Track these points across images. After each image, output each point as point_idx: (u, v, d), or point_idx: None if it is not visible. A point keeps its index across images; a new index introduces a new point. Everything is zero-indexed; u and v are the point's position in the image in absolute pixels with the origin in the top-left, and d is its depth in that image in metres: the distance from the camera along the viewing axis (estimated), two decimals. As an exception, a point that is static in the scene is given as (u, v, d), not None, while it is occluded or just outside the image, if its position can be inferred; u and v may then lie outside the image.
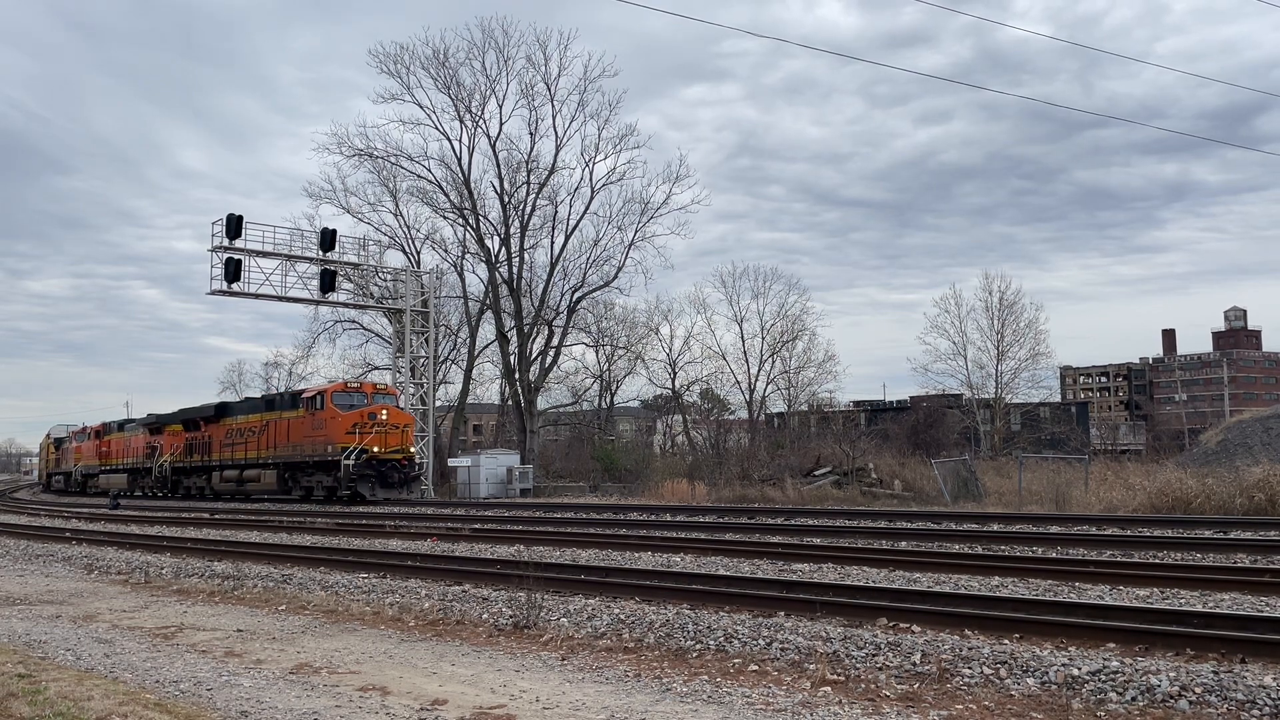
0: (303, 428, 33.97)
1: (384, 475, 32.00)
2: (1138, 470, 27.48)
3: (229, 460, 38.58)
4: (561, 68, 46.32)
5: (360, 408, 32.90)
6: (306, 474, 33.99)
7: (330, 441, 32.26)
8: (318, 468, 33.19)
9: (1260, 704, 5.80)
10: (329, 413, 32.84)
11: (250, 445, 37.16)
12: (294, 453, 34.46)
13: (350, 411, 32.64)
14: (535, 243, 48.52)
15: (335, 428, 32.34)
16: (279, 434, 35.36)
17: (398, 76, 45.59)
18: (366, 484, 31.50)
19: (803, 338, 57.09)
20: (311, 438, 33.37)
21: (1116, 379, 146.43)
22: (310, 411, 33.70)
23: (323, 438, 32.75)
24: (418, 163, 47.42)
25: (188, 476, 42.61)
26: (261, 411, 37.55)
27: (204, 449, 41.00)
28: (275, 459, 35.40)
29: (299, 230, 40.95)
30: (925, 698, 6.43)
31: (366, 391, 34.49)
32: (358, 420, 32.20)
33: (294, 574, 13.39)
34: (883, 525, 18.17)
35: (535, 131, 46.72)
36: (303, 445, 33.92)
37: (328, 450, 32.46)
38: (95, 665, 7.94)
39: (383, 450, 32.17)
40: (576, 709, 6.27)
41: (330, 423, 32.59)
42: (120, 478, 49.01)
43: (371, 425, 32.26)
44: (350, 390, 34.55)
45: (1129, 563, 11.77)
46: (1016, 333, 56.61)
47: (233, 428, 39.08)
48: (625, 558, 14.12)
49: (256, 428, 37.03)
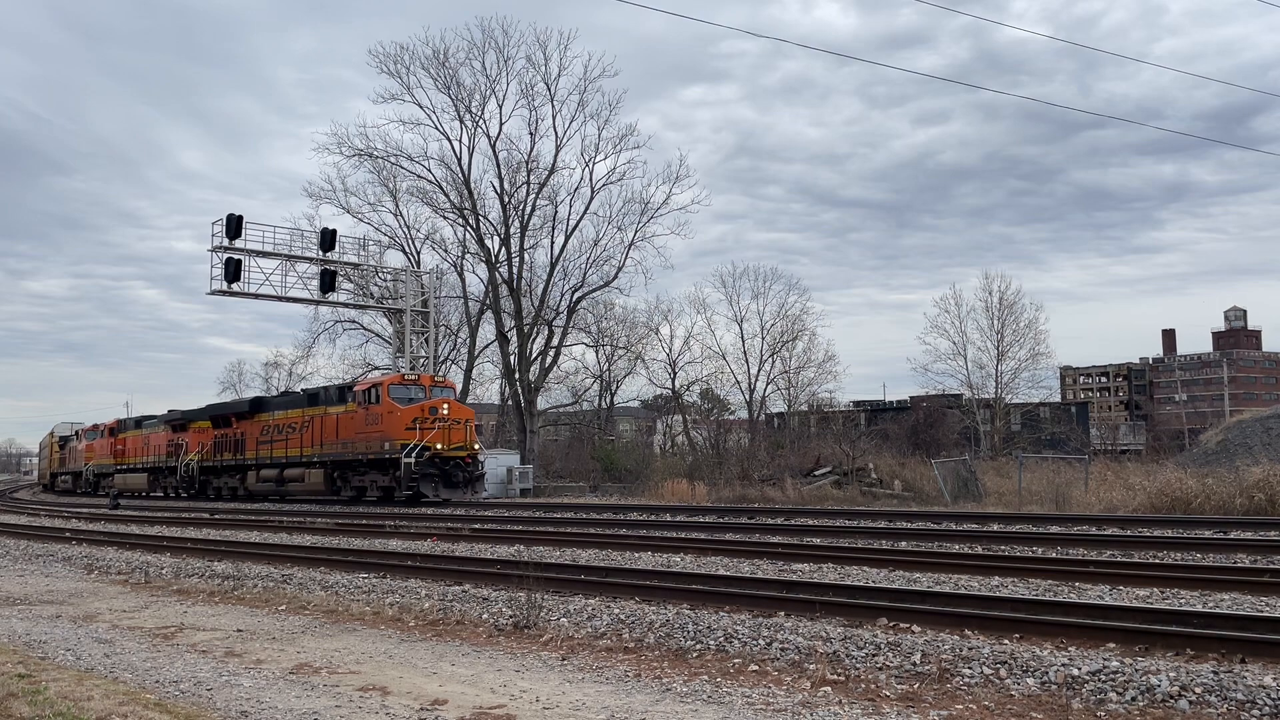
0: (354, 423, 31.41)
1: (448, 474, 29.54)
2: (1138, 470, 27.47)
3: (266, 459, 36.12)
4: (561, 68, 46.32)
5: (419, 401, 30.30)
6: (358, 473, 31.57)
7: (387, 438, 29.76)
8: (372, 466, 30.76)
9: (1260, 704, 5.80)
10: (385, 407, 30.23)
11: (291, 442, 34.73)
12: (344, 450, 31.88)
13: (409, 405, 29.96)
14: (535, 243, 48.56)
15: (393, 423, 29.75)
16: (326, 430, 32.81)
17: (397, 76, 45.61)
18: (429, 484, 29.12)
19: (803, 338, 57.11)
20: (365, 434, 30.79)
21: (1116, 379, 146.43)
22: (364, 406, 31.11)
23: (378, 434, 30.21)
24: (418, 163, 47.46)
25: (218, 476, 40.04)
26: (303, 406, 34.91)
27: (236, 447, 38.47)
28: (322, 457, 32.87)
29: (299, 230, 40.92)
30: (925, 698, 6.43)
31: (424, 384, 31.87)
32: (418, 415, 29.50)
33: (294, 574, 13.38)
34: (883, 525, 18.17)
35: (535, 131, 46.75)
36: (354, 442, 31.29)
37: (384, 447, 29.88)
38: (95, 665, 7.94)
39: (446, 447, 29.56)
40: (576, 709, 6.27)
41: (387, 417, 30.02)
42: (139, 477, 47.03)
43: (433, 420, 29.58)
44: (407, 382, 31.79)
45: (1129, 563, 11.77)
46: (1016, 333, 56.62)
47: (270, 424, 36.58)
48: (625, 558, 14.12)
49: (298, 424, 34.55)
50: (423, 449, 28.88)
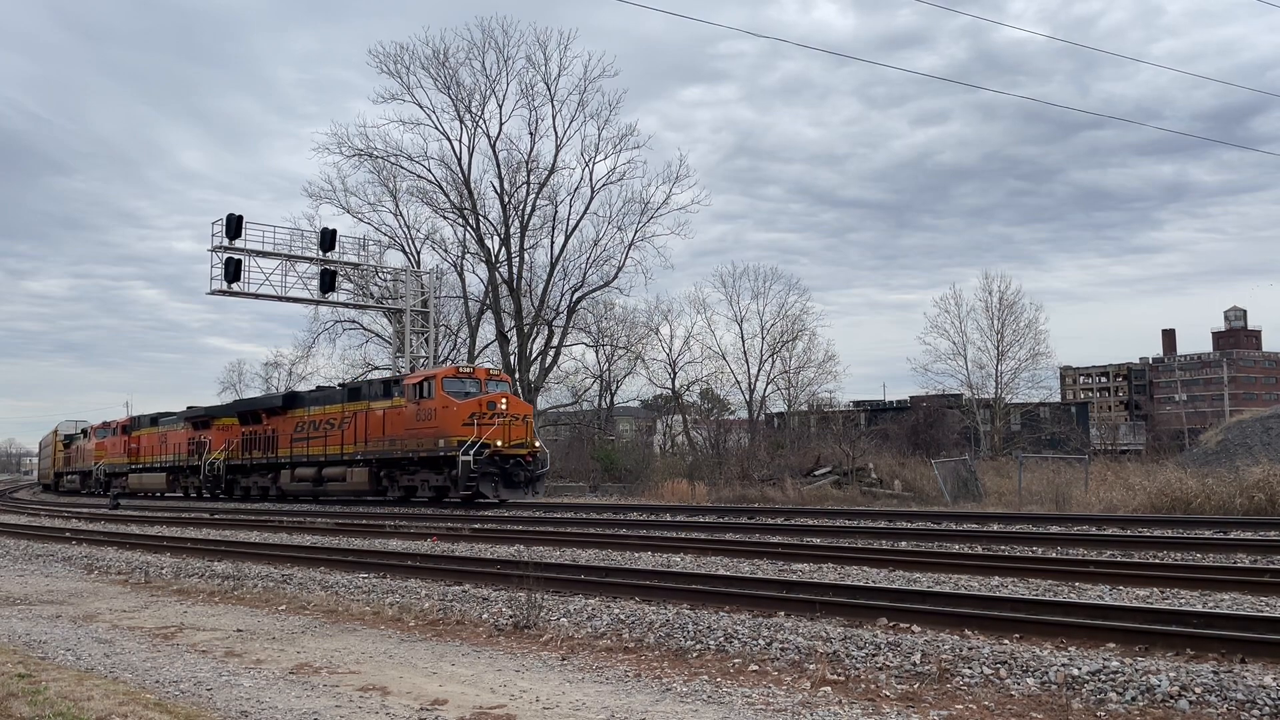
0: (403, 419, 29.45)
1: (508, 474, 27.63)
2: (1138, 470, 27.47)
3: (302, 457, 34.18)
4: (561, 68, 46.45)
5: (475, 396, 28.40)
6: (407, 472, 29.65)
7: (442, 434, 27.71)
8: (424, 465, 28.84)
9: (1260, 704, 5.80)
10: (440, 401, 28.19)
11: (331, 439, 32.71)
12: (391, 447, 29.90)
13: (466, 400, 28.02)
14: (535, 243, 48.64)
15: (448, 419, 27.72)
16: (371, 426, 30.89)
17: (398, 76, 45.71)
18: (489, 483, 27.17)
19: (803, 338, 57.18)
20: (416, 430, 28.88)
21: (1116, 379, 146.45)
22: (414, 400, 29.09)
23: (431, 430, 28.20)
24: (418, 163, 47.55)
25: (246, 475, 38.01)
26: (343, 401, 32.95)
27: (267, 444, 36.43)
28: (366, 455, 30.90)
29: (299, 230, 40.98)
30: (925, 698, 6.43)
31: (479, 377, 29.88)
32: (475, 410, 27.57)
33: (294, 574, 13.38)
34: (883, 525, 18.16)
35: (535, 131, 46.83)
36: (403, 439, 29.34)
37: (438, 444, 27.83)
38: (95, 665, 7.94)
39: (506, 444, 27.57)
40: (576, 709, 6.27)
41: (442, 413, 27.99)
42: (156, 477, 45.13)
43: (491, 415, 27.64)
44: (462, 375, 29.84)
45: (1129, 563, 11.76)
46: (1016, 333, 56.66)
47: (305, 420, 34.52)
48: (625, 558, 14.11)
49: (337, 419, 32.61)
50: (482, 446, 26.93)
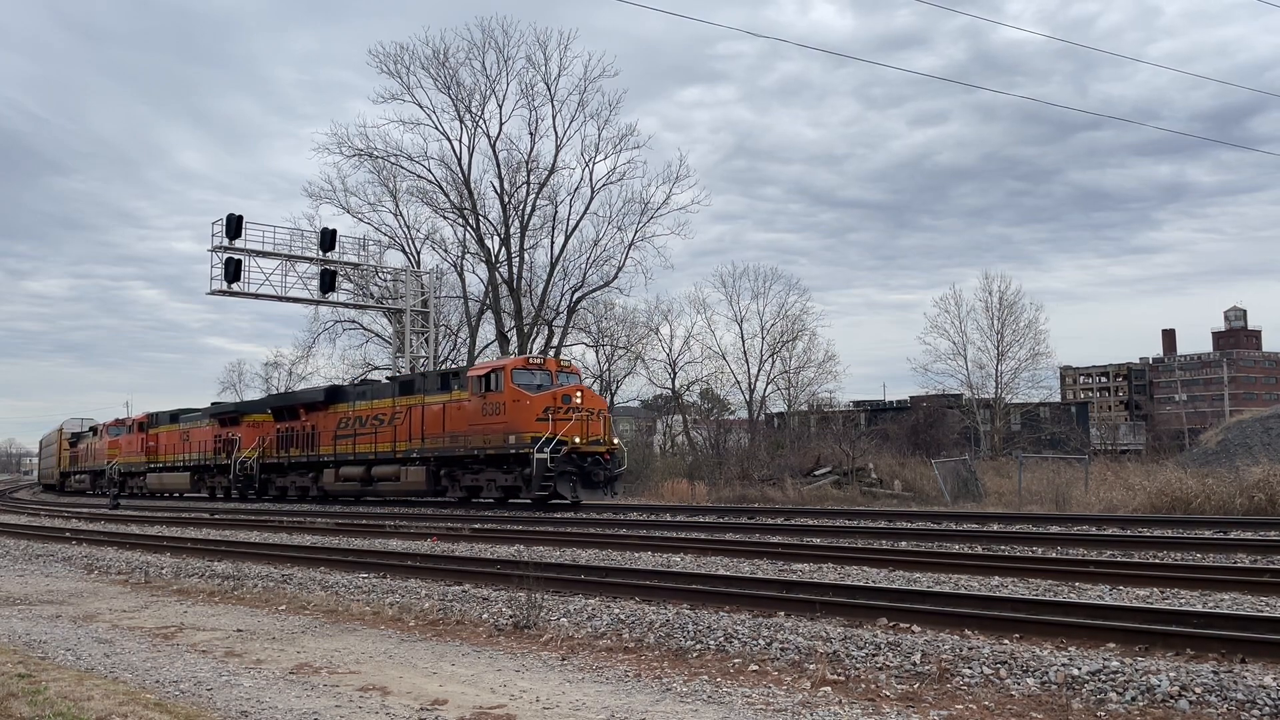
0: (466, 414, 27.46)
1: (587, 473, 25.63)
2: (1138, 470, 27.47)
3: (348, 454, 32.33)
4: (561, 68, 46.32)
5: (548, 388, 26.41)
6: (470, 470, 27.75)
7: (513, 430, 25.81)
8: (490, 463, 26.93)
9: (1260, 704, 5.80)
10: (509, 394, 26.24)
11: (382, 436, 30.84)
12: (452, 444, 27.90)
13: (539, 393, 26.03)
14: (535, 243, 48.56)
15: (520, 413, 25.79)
16: (428, 421, 28.97)
17: (397, 76, 45.62)
18: (566, 483, 25.18)
19: (803, 338, 57.19)
20: (482, 426, 26.91)
21: (1116, 379, 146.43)
22: (480, 393, 27.10)
23: (500, 426, 26.26)
24: (418, 163, 47.46)
25: (283, 474, 36.13)
26: (393, 395, 31.08)
27: (307, 441, 34.52)
28: (422, 452, 29.03)
29: (299, 230, 40.97)
30: (925, 698, 6.43)
31: (550, 368, 27.76)
32: (550, 403, 25.57)
33: (294, 574, 13.38)
34: (883, 525, 18.15)
35: (535, 131, 46.75)
36: (467, 435, 27.38)
37: (508, 441, 25.90)
38: (95, 665, 7.94)
39: (584, 441, 25.56)
40: (576, 709, 6.27)
41: (512, 407, 26.06)
42: (178, 477, 43.39)
43: (567, 409, 25.64)
44: (532, 367, 27.67)
45: (1129, 563, 11.76)
46: (1016, 333, 56.73)
47: (349, 416, 32.67)
48: (625, 558, 14.10)
49: (387, 415, 30.85)
50: (558, 442, 24.89)
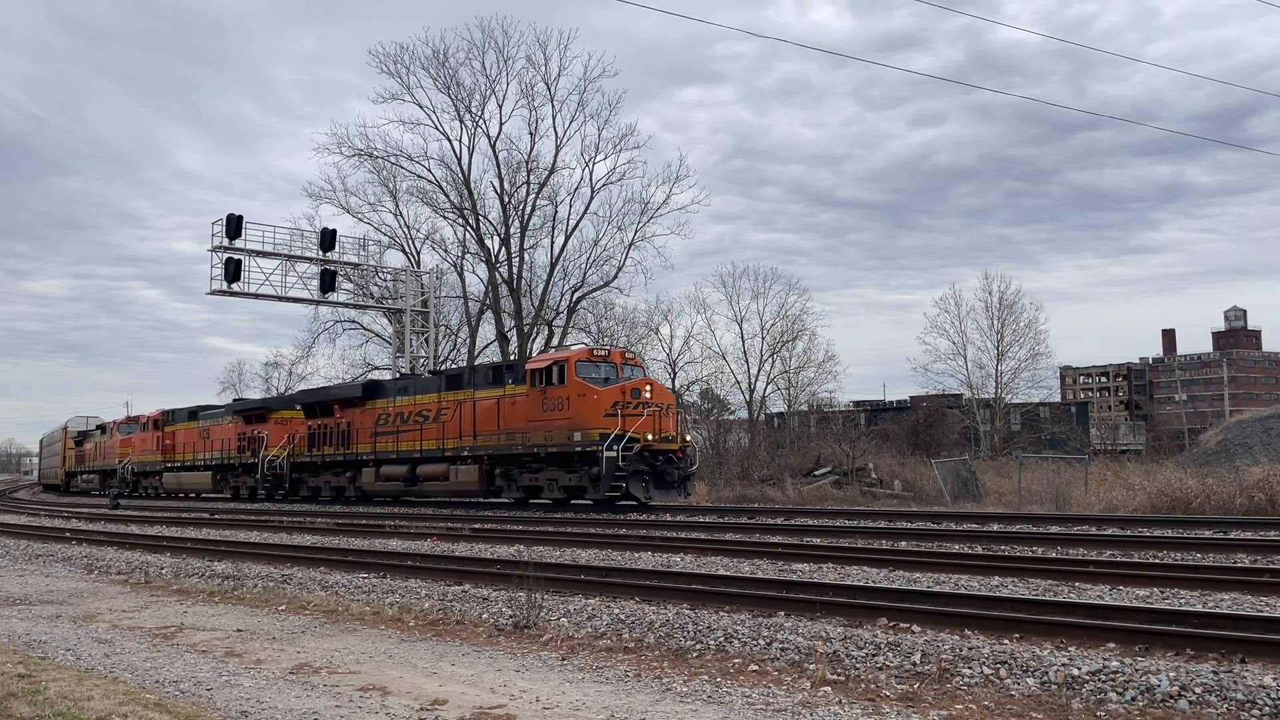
0: (524, 409, 25.94)
1: (660, 472, 24.12)
2: (1138, 470, 27.48)
3: (389, 452, 30.82)
4: (561, 68, 46.31)
5: (615, 381, 24.90)
6: (529, 469, 26.19)
7: (578, 426, 24.27)
8: (553, 461, 25.36)
9: (1260, 704, 5.80)
10: (574, 388, 24.68)
11: (428, 433, 29.31)
12: (509, 442, 26.29)
13: (607, 387, 24.50)
14: (535, 243, 48.55)
15: (586, 408, 24.27)
16: (481, 418, 27.38)
17: (397, 76, 45.61)
18: (639, 483, 23.67)
19: (803, 338, 57.22)
20: (542, 422, 25.35)
21: (1116, 379, 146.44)
22: (540, 387, 25.49)
23: (564, 422, 24.68)
24: (418, 163, 47.46)
25: (315, 474, 34.60)
26: (439, 390, 29.49)
27: (341, 439, 33.04)
28: (474, 450, 27.38)
29: (299, 230, 41.03)
30: (925, 698, 6.43)
31: (615, 360, 26.02)
32: (619, 398, 24.02)
33: (294, 574, 13.38)
34: (883, 525, 18.15)
35: (535, 131, 46.74)
36: (525, 432, 25.81)
37: (572, 438, 24.32)
38: (95, 665, 7.94)
39: (657, 438, 24.09)
40: (576, 709, 6.27)
41: (577, 401, 24.54)
42: (198, 476, 41.68)
43: (636, 404, 24.09)
44: (596, 358, 25.92)
45: (1129, 563, 11.75)
46: (1016, 333, 56.77)
47: (389, 412, 31.29)
48: (625, 558, 14.11)
49: (432, 410, 29.33)
50: (629, 440, 23.39)
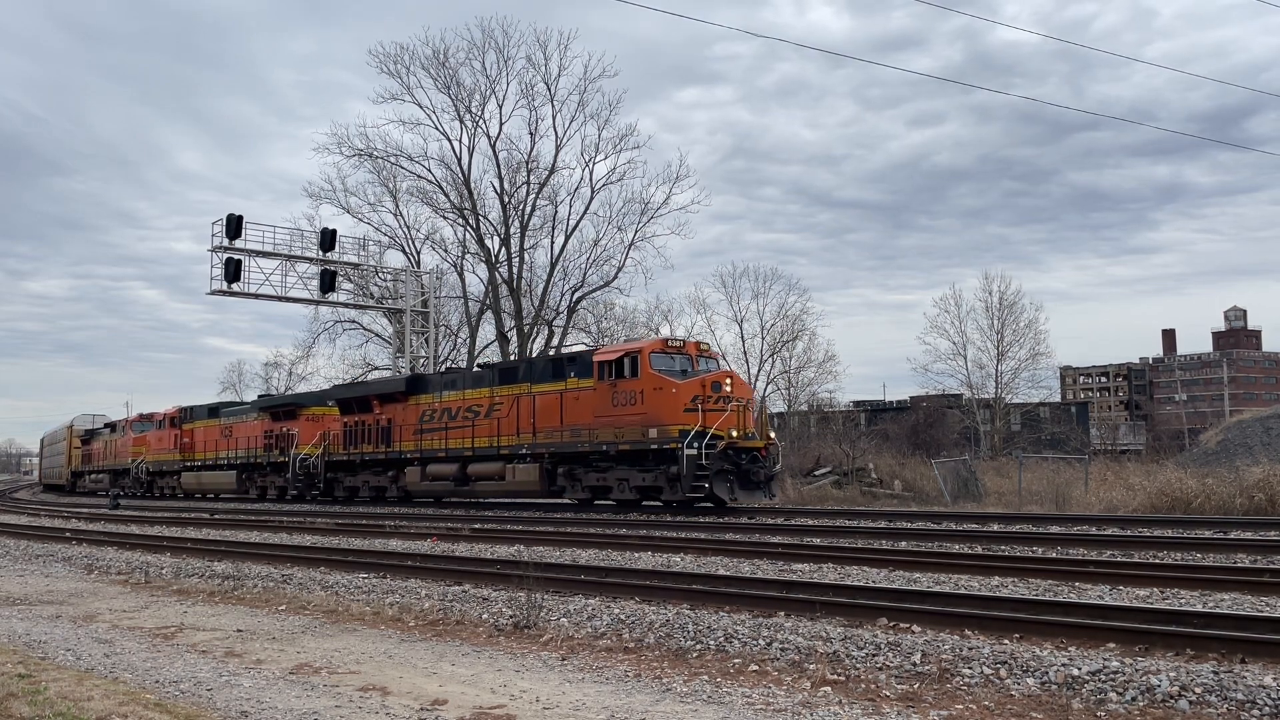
0: (590, 404, 24.29)
1: (745, 472, 22.32)
2: (1138, 470, 27.48)
3: (436, 450, 29.00)
4: (561, 68, 46.40)
5: (691, 374, 23.23)
6: (595, 469, 24.49)
7: (654, 422, 22.60)
8: (623, 460, 23.62)
9: (1260, 704, 5.80)
10: (649, 381, 22.99)
11: (480, 430, 27.63)
12: (574, 439, 24.70)
13: (686, 380, 22.85)
14: (535, 243, 48.62)
15: (662, 402, 22.61)
16: (541, 413, 25.71)
17: (397, 77, 45.70)
18: (723, 483, 21.93)
19: (803, 338, 57.20)
20: (611, 418, 23.65)
21: (1116, 379, 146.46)
22: (609, 381, 23.79)
23: (636, 417, 23.01)
24: (418, 163, 47.54)
25: (353, 473, 32.96)
26: (491, 384, 27.83)
27: (381, 437, 31.41)
28: (534, 447, 25.74)
29: (299, 230, 41.08)
30: (925, 698, 6.43)
31: (689, 352, 24.22)
32: (698, 392, 22.44)
33: (294, 574, 13.38)
34: (883, 525, 18.15)
35: (535, 132, 46.80)
36: (592, 428, 24.15)
37: (647, 435, 22.71)
38: (95, 665, 7.94)
39: (741, 435, 22.53)
40: (576, 709, 6.27)
41: (652, 395, 22.86)
42: (222, 476, 40.03)
43: (717, 399, 22.52)
44: (671, 350, 24.00)
45: (1129, 563, 11.75)
46: (1016, 333, 56.76)
47: (435, 408, 29.45)
48: (625, 558, 14.10)
49: (484, 406, 27.63)
50: (712, 437, 21.78)
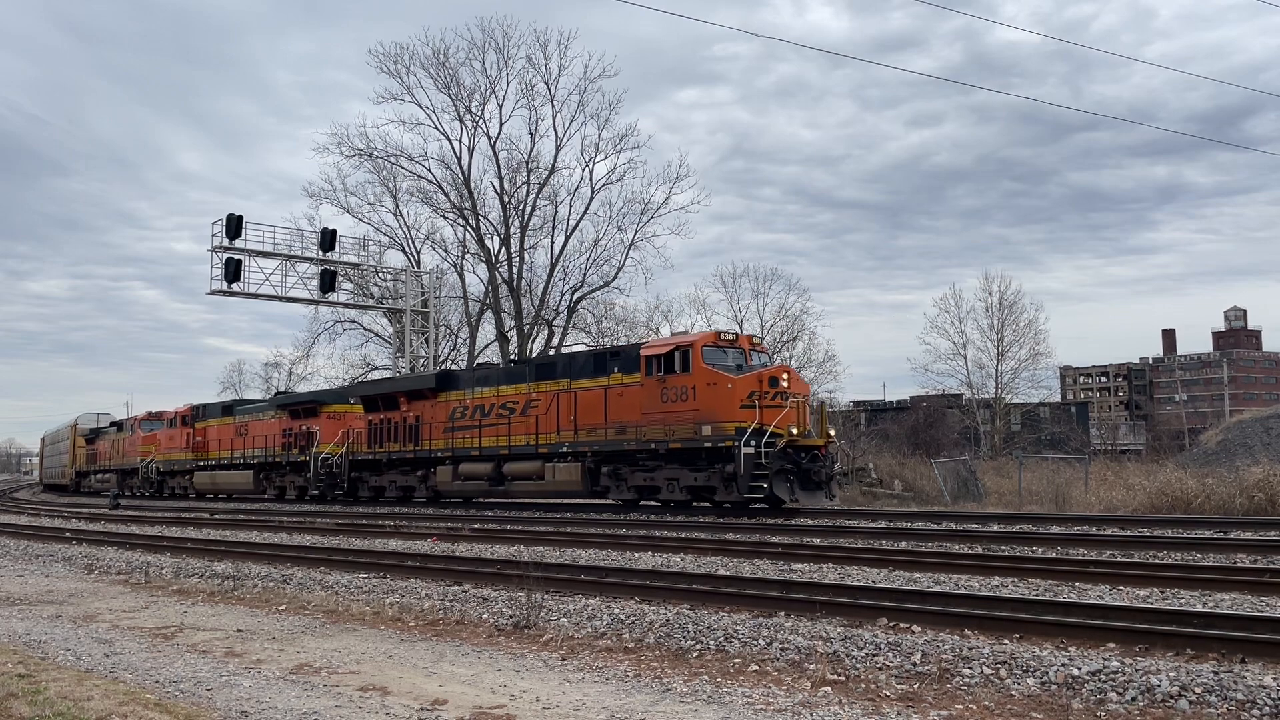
0: (637, 400, 23.26)
1: (805, 472, 21.27)
2: (1138, 470, 27.51)
3: (469, 449, 27.99)
4: (561, 68, 46.41)
5: (748, 370, 22.14)
6: (642, 468, 23.43)
7: (707, 419, 21.61)
8: (674, 458, 22.61)
9: (1260, 704, 5.80)
10: (702, 376, 21.96)
11: (516, 428, 26.64)
12: (619, 436, 23.66)
13: (742, 375, 21.76)
14: (535, 243, 48.62)
15: (717, 399, 21.59)
16: (583, 410, 24.69)
17: (397, 76, 45.70)
18: (783, 483, 20.80)
19: (803, 338, 57.11)
20: (660, 415, 22.61)
21: (1116, 379, 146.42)
22: (659, 375, 22.79)
23: (688, 414, 22.02)
24: (418, 163, 47.54)
25: (380, 472, 31.99)
26: (528, 380, 26.83)
27: (409, 435, 30.45)
28: (576, 446, 24.68)
29: (299, 230, 41.12)
30: (925, 698, 6.43)
31: (742, 345, 23.16)
32: (754, 387, 21.41)
33: (294, 574, 13.39)
34: (883, 525, 18.15)
35: (535, 131, 46.80)
36: (639, 425, 23.06)
37: (700, 432, 21.70)
38: (95, 665, 7.94)
39: (801, 433, 21.48)
40: (576, 709, 6.27)
41: (705, 391, 21.84)
42: (237, 475, 39.06)
43: (774, 394, 21.44)
44: (723, 343, 22.90)
45: (1129, 563, 11.76)
46: (1016, 333, 56.65)
47: (468, 404, 28.47)
48: (625, 558, 14.11)
49: (520, 403, 26.67)
50: (771, 435, 20.73)
